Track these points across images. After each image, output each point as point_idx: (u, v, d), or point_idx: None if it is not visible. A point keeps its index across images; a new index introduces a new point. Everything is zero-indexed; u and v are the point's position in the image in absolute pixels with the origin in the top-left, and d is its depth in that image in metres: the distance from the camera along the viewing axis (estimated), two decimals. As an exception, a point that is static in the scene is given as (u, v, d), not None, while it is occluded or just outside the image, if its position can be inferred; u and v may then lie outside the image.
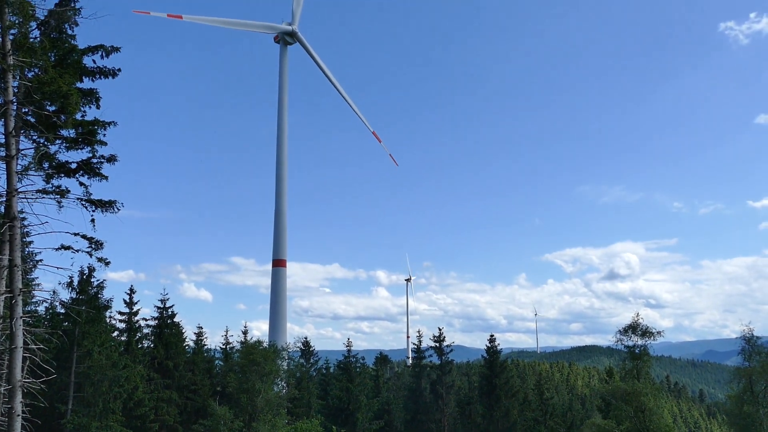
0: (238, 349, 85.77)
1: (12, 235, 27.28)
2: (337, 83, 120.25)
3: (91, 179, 31.60)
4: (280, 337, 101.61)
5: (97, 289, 63.48)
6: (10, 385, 26.44)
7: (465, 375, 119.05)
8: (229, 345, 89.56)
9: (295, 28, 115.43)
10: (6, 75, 27.40)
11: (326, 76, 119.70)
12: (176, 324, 77.07)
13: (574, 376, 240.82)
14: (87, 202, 31.41)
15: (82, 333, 59.52)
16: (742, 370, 65.70)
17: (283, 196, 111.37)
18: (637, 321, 70.25)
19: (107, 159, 31.53)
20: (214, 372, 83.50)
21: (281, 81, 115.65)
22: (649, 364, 70.04)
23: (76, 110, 29.28)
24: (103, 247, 31.35)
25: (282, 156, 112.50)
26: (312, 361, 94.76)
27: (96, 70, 31.63)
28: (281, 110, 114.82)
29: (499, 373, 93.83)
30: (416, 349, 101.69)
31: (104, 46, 31.18)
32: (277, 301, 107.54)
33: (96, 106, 31.69)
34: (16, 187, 27.83)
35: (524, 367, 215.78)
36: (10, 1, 26.82)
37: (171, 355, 73.99)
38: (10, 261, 27.16)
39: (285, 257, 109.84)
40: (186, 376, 75.12)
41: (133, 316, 71.91)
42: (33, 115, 29.12)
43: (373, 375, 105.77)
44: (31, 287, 49.69)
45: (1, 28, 27.25)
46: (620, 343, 70.93)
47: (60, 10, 29.58)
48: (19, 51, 27.37)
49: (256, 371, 70.60)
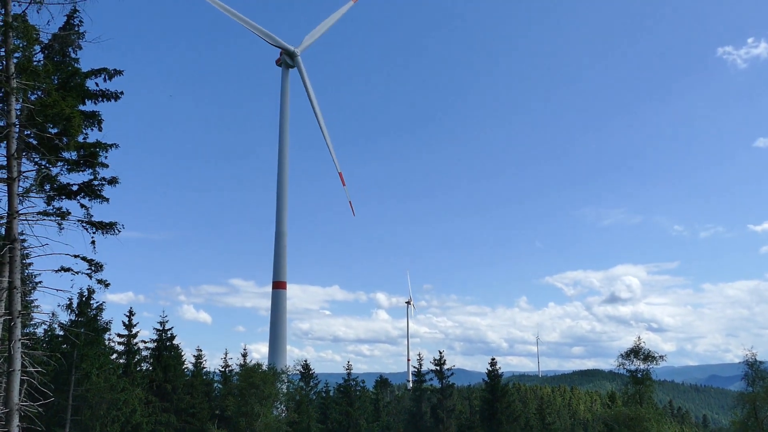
0: (237, 371, 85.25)
1: (12, 257, 27.26)
2: (320, 116, 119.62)
3: (92, 201, 31.70)
4: (280, 360, 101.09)
5: (96, 311, 63.17)
6: (8, 409, 26.25)
7: (466, 399, 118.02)
8: (228, 368, 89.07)
9: (297, 51, 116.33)
10: (9, 98, 27.56)
11: (312, 105, 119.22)
12: (175, 346, 76.64)
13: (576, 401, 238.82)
14: (88, 224, 31.47)
15: (80, 355, 59.14)
16: (746, 395, 65.31)
17: (283, 218, 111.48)
18: (639, 345, 70.02)
19: (108, 181, 31.67)
20: (212, 395, 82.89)
21: (283, 104, 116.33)
22: (651, 389, 69.66)
23: (78, 133, 29.43)
24: (103, 269, 31.37)
25: (283, 178, 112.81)
26: (312, 384, 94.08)
27: (98, 93, 31.86)
28: (282, 133, 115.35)
29: (501, 397, 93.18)
30: (417, 372, 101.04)
31: (107, 69, 31.44)
32: (277, 323, 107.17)
33: (98, 129, 31.89)
34: (17, 209, 27.88)
35: (526, 391, 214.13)
36: (14, 25, 27.04)
37: (170, 377, 73.47)
38: (10, 283, 27.11)
39: (285, 279, 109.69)
40: (184, 399, 74.53)
41: (132, 338, 71.49)
42: (35, 137, 29.26)
43: (373, 398, 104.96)
44: (30, 309, 49.51)
45: (5, 52, 27.44)
46: (622, 368, 70.65)
47: (64, 34, 29.85)
48: (23, 74, 27.54)
49: (255, 394, 70.15)
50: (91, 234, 31.45)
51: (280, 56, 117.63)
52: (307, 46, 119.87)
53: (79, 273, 30.69)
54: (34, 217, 29.33)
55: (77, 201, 31.56)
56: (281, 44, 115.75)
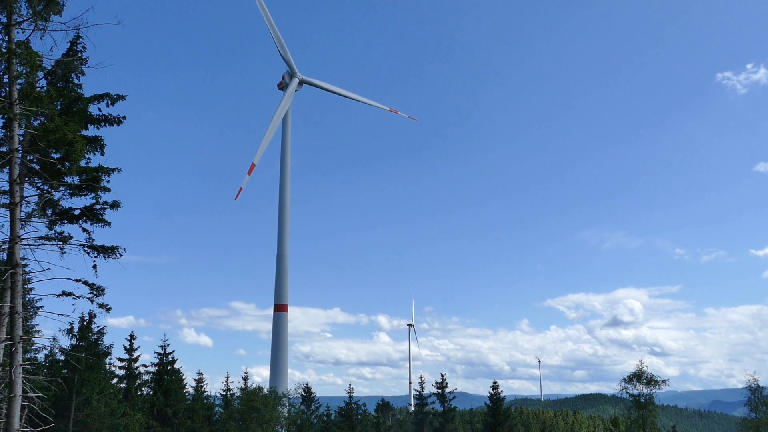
0: (238, 395, 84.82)
1: (14, 282, 27.30)
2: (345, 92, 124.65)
3: (94, 225, 31.79)
4: (281, 383, 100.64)
5: (97, 335, 63.02)
6: (7, 435, 26.14)
7: (468, 423, 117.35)
8: (229, 391, 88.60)
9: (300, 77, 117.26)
10: (12, 123, 27.77)
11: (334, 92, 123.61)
12: (176, 370, 76.35)
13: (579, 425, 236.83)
14: (89, 248, 31.52)
15: (81, 380, 58.89)
16: (749, 421, 64.95)
17: (284, 240, 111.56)
18: (642, 369, 69.67)
19: (110, 205, 31.79)
20: (213, 419, 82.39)
21: (284, 127, 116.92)
22: (654, 414, 69.21)
23: (80, 157, 29.63)
24: (105, 293, 31.37)
25: (284, 201, 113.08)
26: (313, 407, 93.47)
27: (101, 117, 32.13)
28: (284, 156, 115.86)
29: (503, 421, 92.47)
30: (419, 395, 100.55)
31: (110, 94, 31.72)
32: (279, 346, 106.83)
33: (101, 153, 32.09)
34: (20, 234, 27.97)
35: (528, 415, 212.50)
36: (17, 51, 27.34)
37: (170, 402, 73.12)
38: (11, 308, 27.12)
39: (287, 302, 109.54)
40: (185, 423, 74.10)
41: (132, 362, 71.30)
42: (38, 162, 29.46)
43: (375, 422, 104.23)
44: (31, 334, 49.39)
45: (9, 78, 27.72)
46: (625, 392, 70.24)
47: (67, 60, 30.15)
48: (26, 100, 27.79)
49: (256, 418, 69.81)
50: (93, 258, 31.51)
51: (282, 80, 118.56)
52: (312, 84, 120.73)
53: (80, 297, 30.72)
54: (36, 241, 29.42)
55: (79, 225, 31.66)
56: (290, 62, 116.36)
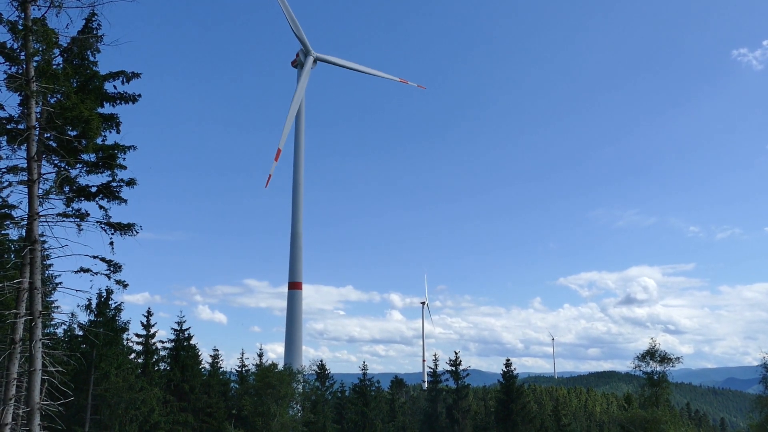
0: (253, 371, 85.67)
1: (33, 258, 27.65)
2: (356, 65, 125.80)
3: (110, 202, 32.02)
4: (296, 360, 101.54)
5: (114, 311, 63.81)
6: (29, 408, 26.64)
7: (481, 400, 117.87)
8: (244, 367, 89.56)
9: (315, 54, 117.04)
10: (29, 101, 27.94)
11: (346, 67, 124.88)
12: (192, 346, 77.12)
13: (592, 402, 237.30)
14: (106, 225, 31.79)
15: (99, 355, 59.75)
16: (764, 398, 64.79)
17: (299, 218, 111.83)
18: (655, 347, 69.57)
19: (126, 182, 31.96)
20: (229, 395, 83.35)
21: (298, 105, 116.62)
22: (668, 391, 69.23)
23: (96, 135, 29.79)
24: (122, 269, 31.67)
25: (298, 179, 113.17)
26: (327, 384, 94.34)
27: (117, 95, 32.18)
28: (298, 134, 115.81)
29: (516, 398, 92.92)
30: (432, 373, 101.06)
31: (125, 72, 31.73)
32: (293, 323, 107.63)
33: (116, 131, 32.22)
34: (38, 211, 28.26)
35: (541, 393, 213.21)
36: (34, 28, 27.43)
37: (187, 377, 73.97)
38: (31, 284, 27.50)
39: (301, 279, 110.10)
40: (202, 398, 75.01)
41: (150, 338, 72.13)
42: (55, 140, 29.65)
43: (389, 399, 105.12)
44: (50, 310, 50.12)
45: (26, 55, 27.84)
46: (638, 369, 70.22)
47: (83, 38, 30.18)
48: (42, 77, 27.92)
49: (271, 394, 70.52)
50: (110, 235, 31.77)
51: (296, 58, 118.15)
52: (326, 61, 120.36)
53: (98, 274, 31.01)
54: (54, 218, 29.74)
55: (96, 202, 31.88)
56: (304, 40, 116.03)
